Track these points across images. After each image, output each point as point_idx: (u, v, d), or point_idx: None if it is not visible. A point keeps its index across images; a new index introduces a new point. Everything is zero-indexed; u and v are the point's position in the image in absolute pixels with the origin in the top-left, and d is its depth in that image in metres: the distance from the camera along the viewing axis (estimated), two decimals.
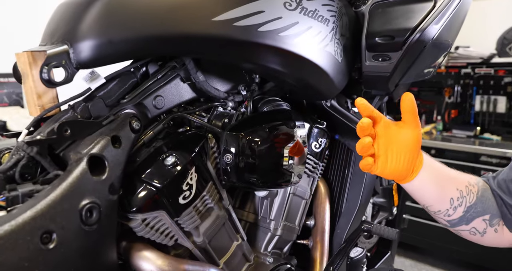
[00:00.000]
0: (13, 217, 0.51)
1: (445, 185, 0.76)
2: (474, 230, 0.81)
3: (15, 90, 3.32)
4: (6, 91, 3.30)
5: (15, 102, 3.35)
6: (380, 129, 0.70)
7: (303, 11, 0.79)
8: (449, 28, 0.93)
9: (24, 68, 0.67)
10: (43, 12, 3.17)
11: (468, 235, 0.81)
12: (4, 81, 3.28)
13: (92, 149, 0.62)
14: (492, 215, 0.79)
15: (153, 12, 0.65)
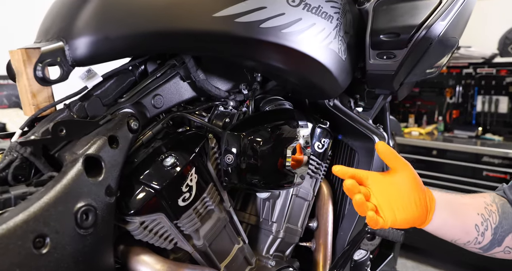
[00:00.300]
0: (4, 221, 0.49)
1: (465, 214, 0.72)
2: (508, 249, 0.77)
3: (14, 92, 3.32)
4: (6, 93, 3.29)
5: (15, 104, 3.34)
6: (371, 184, 0.66)
7: (307, 7, 0.77)
8: (456, 24, 0.91)
9: (18, 66, 0.65)
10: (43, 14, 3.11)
11: (503, 255, 0.76)
12: (3, 83, 3.27)
13: (88, 149, 0.60)
14: None
15: (151, 8, 0.63)
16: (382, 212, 0.64)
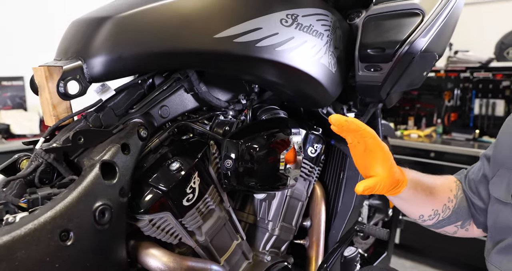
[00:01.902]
0: (36, 217, 0.57)
1: (420, 205, 0.83)
2: (444, 232, 0.89)
3: (18, 93, 3.39)
4: (10, 94, 3.36)
5: (18, 105, 3.41)
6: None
7: (299, 27, 0.85)
8: (437, 40, 0.99)
9: (40, 81, 0.74)
10: (45, 19, 3.23)
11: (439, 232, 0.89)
12: (7, 85, 3.34)
13: (104, 155, 0.69)
14: (464, 220, 0.86)
15: (158, 31, 0.71)
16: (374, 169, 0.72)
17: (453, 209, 0.85)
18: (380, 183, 0.71)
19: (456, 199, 0.86)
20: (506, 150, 0.77)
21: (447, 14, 0.98)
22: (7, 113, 3.25)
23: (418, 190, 0.80)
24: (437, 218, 0.85)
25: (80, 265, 0.62)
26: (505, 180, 0.73)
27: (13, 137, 3.12)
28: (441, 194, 0.85)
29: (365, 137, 0.71)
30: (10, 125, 3.15)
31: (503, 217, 0.71)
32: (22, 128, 3.22)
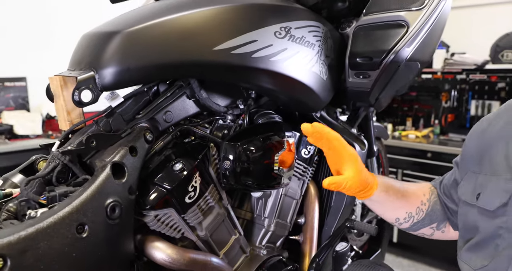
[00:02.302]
0: (55, 212, 0.65)
1: (394, 209, 0.90)
2: (421, 234, 0.95)
3: (21, 94, 3.45)
4: (12, 95, 3.41)
5: (21, 106, 3.46)
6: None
7: (291, 39, 0.92)
8: (422, 49, 1.06)
9: (56, 90, 0.81)
10: (47, 21, 3.29)
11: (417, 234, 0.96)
12: (10, 86, 3.41)
13: (114, 157, 0.76)
14: (439, 222, 0.93)
15: (163, 44, 0.79)
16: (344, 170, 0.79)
17: (426, 212, 0.91)
18: (347, 181, 0.78)
19: (429, 203, 0.92)
20: (471, 155, 0.83)
21: (430, 25, 1.05)
22: (10, 114, 3.28)
23: (390, 193, 0.87)
24: (412, 221, 0.91)
25: (93, 255, 0.69)
26: (472, 183, 0.79)
27: (16, 137, 3.17)
28: (413, 197, 0.91)
29: (331, 140, 0.78)
30: (13, 126, 3.19)
31: (470, 217, 0.78)
32: (25, 129, 3.26)
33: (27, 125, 3.30)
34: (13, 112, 3.37)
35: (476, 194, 0.76)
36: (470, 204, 0.77)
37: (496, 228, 0.69)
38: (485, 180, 0.75)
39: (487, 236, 0.71)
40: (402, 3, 1.07)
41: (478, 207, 0.74)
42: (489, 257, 0.69)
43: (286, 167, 0.94)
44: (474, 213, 0.76)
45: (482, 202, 0.73)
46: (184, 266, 0.83)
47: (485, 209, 0.72)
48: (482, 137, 0.81)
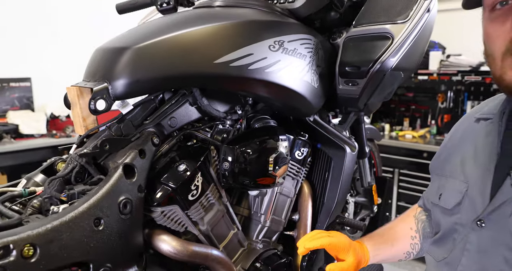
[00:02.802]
0: (75, 208, 0.74)
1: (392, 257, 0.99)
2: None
3: (25, 94, 3.54)
4: (18, 95, 3.50)
5: (26, 106, 3.55)
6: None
7: (284, 51, 1.01)
8: (407, 59, 1.14)
9: (72, 99, 0.91)
10: (51, 22, 3.39)
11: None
12: (15, 86, 3.50)
13: (125, 159, 0.85)
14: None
15: (168, 59, 0.88)
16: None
17: (421, 242, 0.98)
18: (349, 266, 0.88)
19: (419, 233, 0.99)
20: (437, 159, 0.93)
21: (414, 36, 1.13)
22: (15, 113, 3.36)
23: (381, 250, 0.96)
24: (413, 254, 0.99)
25: (108, 246, 0.79)
26: (436, 185, 0.89)
27: (21, 137, 3.25)
28: (403, 239, 0.99)
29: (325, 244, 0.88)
30: (19, 125, 3.26)
31: (435, 215, 0.87)
32: (30, 129, 3.34)
33: (32, 125, 3.38)
34: (18, 112, 3.45)
35: (438, 194, 0.85)
36: (435, 203, 0.86)
37: (453, 224, 0.78)
38: (445, 182, 0.85)
39: (447, 232, 0.80)
40: (388, 16, 1.15)
41: (440, 206, 0.83)
42: (448, 250, 0.79)
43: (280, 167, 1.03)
44: (437, 211, 0.85)
45: (442, 201, 0.82)
46: (187, 257, 0.92)
47: (444, 207, 0.81)
48: (447, 142, 0.91)
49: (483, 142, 0.81)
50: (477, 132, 0.84)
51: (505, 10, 0.70)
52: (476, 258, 0.73)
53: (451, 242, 0.79)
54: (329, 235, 0.90)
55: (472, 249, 0.74)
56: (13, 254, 0.64)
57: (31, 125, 3.37)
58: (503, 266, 0.68)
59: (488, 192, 0.73)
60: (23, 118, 3.36)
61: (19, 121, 3.31)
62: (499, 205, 0.70)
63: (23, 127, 3.30)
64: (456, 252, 0.77)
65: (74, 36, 3.80)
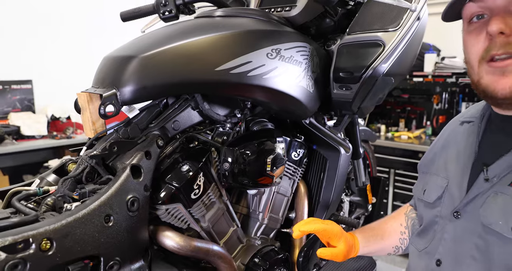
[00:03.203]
0: (87, 205, 0.80)
1: (382, 250, 1.05)
2: None
3: (27, 96, 3.60)
4: (19, 97, 3.57)
5: (27, 108, 3.62)
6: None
7: (281, 58, 1.08)
8: (398, 64, 1.21)
9: (83, 104, 0.97)
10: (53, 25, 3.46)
11: None
12: (16, 88, 3.55)
13: (132, 160, 0.92)
14: None
15: (172, 66, 0.94)
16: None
17: (409, 237, 1.04)
18: (338, 252, 0.95)
19: (408, 229, 1.05)
20: (425, 159, 1.00)
21: (405, 44, 1.20)
22: (16, 115, 3.43)
23: (371, 242, 1.02)
24: (402, 249, 1.04)
25: (117, 240, 0.85)
26: (421, 182, 0.96)
27: (23, 138, 3.32)
28: (392, 234, 1.05)
29: (319, 230, 0.95)
30: (20, 127, 3.32)
31: (419, 209, 0.94)
32: (31, 130, 3.40)
33: (33, 126, 3.43)
34: (19, 113, 3.51)
35: (423, 190, 0.92)
36: (419, 198, 0.93)
37: (434, 217, 0.85)
38: (430, 179, 0.92)
39: (428, 224, 0.87)
40: (380, 24, 1.22)
41: (424, 201, 0.90)
42: (429, 241, 0.85)
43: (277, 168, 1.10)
44: (421, 205, 0.92)
45: (426, 196, 0.89)
46: (190, 252, 0.98)
47: (427, 201, 0.88)
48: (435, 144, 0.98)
49: (465, 142, 0.88)
50: (461, 134, 0.91)
51: (480, 23, 0.77)
52: (451, 246, 0.80)
53: (432, 233, 0.86)
54: (323, 223, 0.96)
55: (448, 238, 0.81)
56: (32, 247, 0.70)
57: (32, 126, 3.42)
58: (473, 252, 0.75)
59: (465, 186, 0.80)
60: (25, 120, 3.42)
61: (21, 123, 3.37)
62: (473, 197, 0.78)
63: (24, 129, 3.36)
64: (435, 242, 0.84)
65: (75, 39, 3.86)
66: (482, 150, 0.84)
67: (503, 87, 0.73)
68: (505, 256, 0.70)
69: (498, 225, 0.71)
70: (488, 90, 0.76)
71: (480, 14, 0.77)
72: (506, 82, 0.73)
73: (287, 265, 1.25)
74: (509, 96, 0.73)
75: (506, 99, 0.74)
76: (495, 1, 0.73)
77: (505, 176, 0.75)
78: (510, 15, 0.72)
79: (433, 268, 0.83)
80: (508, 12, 0.72)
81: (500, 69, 0.73)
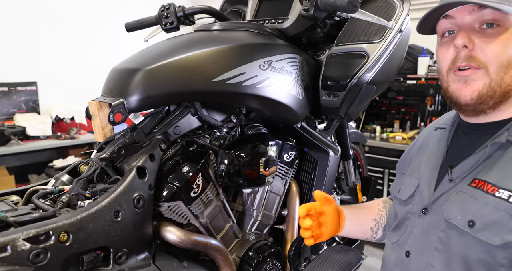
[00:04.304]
0: (98, 203, 0.91)
1: (363, 221, 1.12)
2: None
3: (31, 97, 3.70)
4: (24, 99, 3.67)
5: (32, 109, 3.71)
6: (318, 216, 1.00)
7: (273, 69, 1.18)
8: (381, 73, 1.31)
9: (93, 111, 1.07)
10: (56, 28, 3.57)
11: None
12: (22, 90, 3.64)
13: (138, 162, 1.02)
14: None
15: (174, 78, 1.04)
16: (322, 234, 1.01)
17: (386, 216, 1.14)
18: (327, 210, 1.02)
19: (385, 209, 1.15)
20: (403, 161, 1.10)
21: (388, 54, 1.30)
22: (22, 116, 3.53)
23: (354, 209, 1.11)
24: (380, 226, 1.13)
25: (125, 234, 0.95)
26: (398, 182, 1.06)
27: (28, 138, 3.42)
28: (370, 207, 1.15)
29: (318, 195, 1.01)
30: (26, 127, 3.42)
31: (394, 206, 1.05)
32: (36, 131, 3.49)
33: (38, 127, 3.53)
34: (25, 115, 3.61)
35: (398, 189, 1.02)
36: (395, 196, 1.03)
37: (406, 213, 0.96)
38: (405, 179, 1.02)
39: (401, 219, 0.97)
40: (365, 36, 1.32)
41: (398, 198, 1.01)
42: (401, 234, 0.96)
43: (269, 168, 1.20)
44: (396, 203, 1.02)
45: (400, 194, 1.00)
46: (189, 245, 1.09)
47: (401, 199, 0.99)
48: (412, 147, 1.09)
49: (436, 147, 0.98)
50: (434, 139, 1.02)
51: (450, 37, 0.87)
52: (419, 239, 0.90)
53: (404, 227, 0.96)
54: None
55: (416, 232, 0.91)
56: (52, 239, 0.81)
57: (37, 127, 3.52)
58: (437, 244, 0.85)
59: (433, 186, 0.91)
60: (30, 121, 3.52)
61: (26, 124, 3.47)
62: (438, 196, 0.88)
63: (29, 130, 3.45)
64: (405, 235, 0.94)
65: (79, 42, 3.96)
66: (450, 153, 0.94)
67: (464, 94, 0.83)
68: (462, 247, 0.80)
69: (457, 219, 0.81)
70: (454, 97, 0.86)
71: (451, 30, 0.87)
72: (467, 90, 0.83)
73: (279, 258, 1.35)
74: (470, 103, 0.83)
75: (468, 106, 0.84)
76: (463, 19, 0.83)
77: (465, 176, 0.85)
78: (474, 31, 0.82)
79: (403, 259, 0.93)
80: (472, 29, 0.82)
81: (463, 78, 0.83)
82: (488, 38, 0.80)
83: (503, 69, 0.80)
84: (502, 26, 0.79)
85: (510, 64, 0.80)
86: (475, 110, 0.84)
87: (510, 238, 0.73)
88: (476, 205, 0.79)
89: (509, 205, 0.75)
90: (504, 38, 0.79)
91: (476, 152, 0.85)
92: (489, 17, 0.79)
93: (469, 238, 0.79)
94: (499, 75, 0.80)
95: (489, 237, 0.76)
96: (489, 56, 0.80)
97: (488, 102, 0.82)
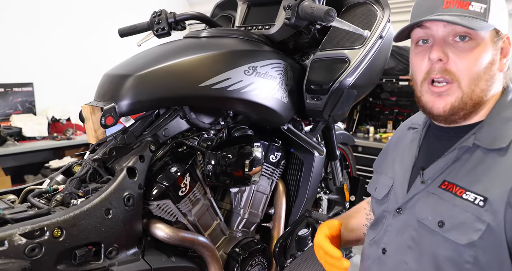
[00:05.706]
0: (90, 201, 0.97)
1: (356, 230, 1.16)
2: None
3: (28, 98, 3.73)
4: (20, 99, 3.70)
5: (28, 110, 3.74)
6: None
7: (257, 75, 1.24)
8: (363, 78, 1.37)
9: (86, 115, 1.13)
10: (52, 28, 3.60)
11: None
12: (18, 91, 3.68)
13: (128, 163, 1.08)
14: None
15: (163, 83, 1.10)
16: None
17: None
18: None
19: (372, 211, 1.16)
20: (379, 159, 1.15)
21: (368, 60, 1.36)
22: (18, 117, 3.55)
23: (347, 224, 1.16)
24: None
25: (115, 230, 1.01)
26: (374, 180, 1.11)
27: (24, 139, 3.44)
28: (359, 213, 1.20)
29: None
30: (22, 128, 3.44)
31: (372, 205, 1.10)
32: (32, 131, 3.52)
33: (34, 128, 3.55)
34: (21, 115, 3.63)
35: (374, 188, 1.08)
36: (372, 195, 1.09)
37: (382, 212, 1.01)
38: (380, 178, 1.07)
39: (378, 217, 1.03)
40: (348, 42, 1.39)
41: (375, 197, 1.06)
42: (378, 232, 1.01)
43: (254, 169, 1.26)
44: (373, 201, 1.08)
45: (376, 193, 1.05)
46: (177, 241, 1.15)
47: (377, 198, 1.04)
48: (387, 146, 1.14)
49: (409, 147, 1.03)
50: (407, 138, 1.07)
51: (425, 47, 0.91)
52: (394, 237, 0.96)
53: (381, 225, 1.01)
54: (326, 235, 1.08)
55: (391, 230, 0.96)
56: (47, 234, 0.87)
57: (33, 128, 3.54)
58: (410, 242, 0.91)
59: (406, 187, 0.96)
60: (26, 122, 3.54)
61: (22, 125, 3.49)
62: (411, 197, 0.93)
63: (26, 130, 3.48)
64: (382, 233, 0.99)
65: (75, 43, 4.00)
66: (421, 154, 0.99)
67: (438, 107, 0.88)
68: (432, 245, 0.85)
69: (428, 220, 0.86)
70: (427, 107, 0.91)
71: (425, 39, 0.90)
72: (440, 103, 0.87)
73: (265, 254, 1.41)
74: (442, 115, 0.88)
75: (440, 116, 0.89)
76: (438, 31, 0.87)
77: (436, 178, 0.90)
78: (448, 44, 0.86)
79: (380, 255, 0.99)
80: (447, 42, 0.86)
81: (438, 93, 0.88)
82: (462, 52, 0.84)
83: (474, 82, 0.84)
84: (475, 39, 0.83)
85: (480, 77, 0.84)
86: (447, 120, 0.89)
87: (475, 237, 0.78)
88: (445, 207, 0.84)
89: (475, 207, 0.80)
90: (476, 52, 0.83)
91: (446, 155, 0.89)
92: (462, 30, 0.83)
93: (438, 237, 0.84)
94: (470, 88, 0.84)
95: (456, 236, 0.81)
96: (461, 70, 0.84)
97: (459, 113, 0.86)
